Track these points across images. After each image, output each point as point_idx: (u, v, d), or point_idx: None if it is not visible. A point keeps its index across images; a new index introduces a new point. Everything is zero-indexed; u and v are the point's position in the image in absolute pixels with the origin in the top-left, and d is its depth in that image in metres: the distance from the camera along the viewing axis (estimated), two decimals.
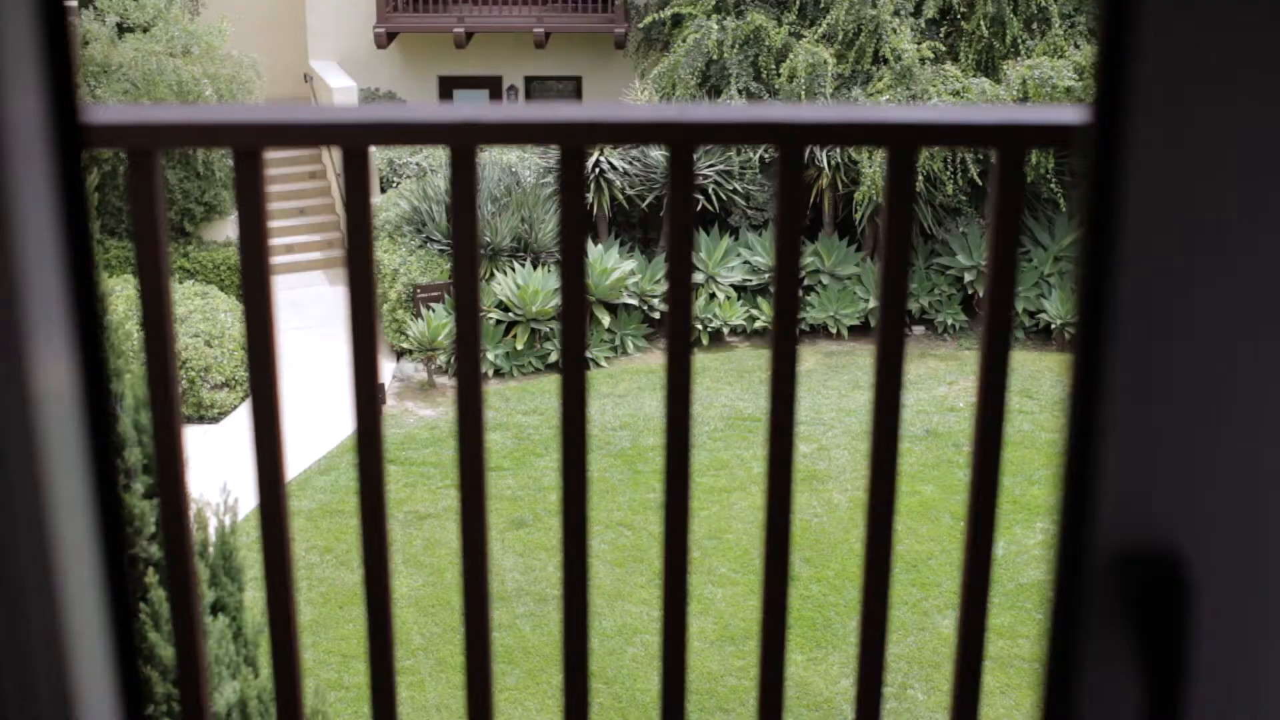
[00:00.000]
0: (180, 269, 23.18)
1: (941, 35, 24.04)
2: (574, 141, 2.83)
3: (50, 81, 1.46)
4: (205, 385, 20.40)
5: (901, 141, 2.82)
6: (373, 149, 2.95)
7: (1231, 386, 1.51)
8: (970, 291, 23.30)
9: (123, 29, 23.69)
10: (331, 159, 25.46)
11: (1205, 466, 1.54)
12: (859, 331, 22.91)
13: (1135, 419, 1.52)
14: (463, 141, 2.81)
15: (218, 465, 15.82)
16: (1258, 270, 1.47)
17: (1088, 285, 1.50)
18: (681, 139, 2.81)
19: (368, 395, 2.94)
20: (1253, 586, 1.56)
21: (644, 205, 23.75)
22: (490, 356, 21.66)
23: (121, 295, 20.06)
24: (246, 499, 12.51)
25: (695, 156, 2.87)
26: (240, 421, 20.16)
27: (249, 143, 2.81)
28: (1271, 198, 1.45)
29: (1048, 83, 22.36)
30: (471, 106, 2.83)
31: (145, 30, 23.73)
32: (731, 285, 23.05)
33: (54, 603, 1.55)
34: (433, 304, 22.00)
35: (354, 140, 2.81)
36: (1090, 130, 1.46)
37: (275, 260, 2.98)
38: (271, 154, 17.81)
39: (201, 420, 20.18)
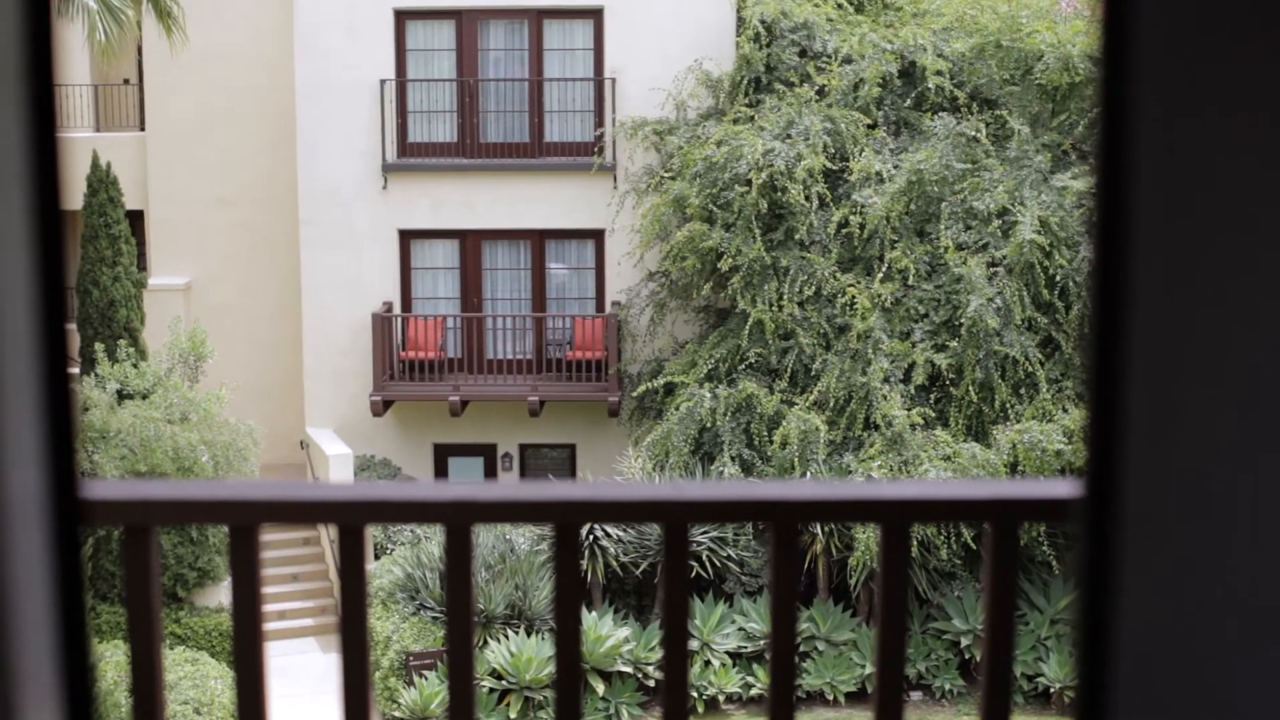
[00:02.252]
0: (171, 634, 23.00)
1: (931, 401, 24.33)
2: (569, 520, 2.87)
3: (51, 457, 1.48)
4: None
5: (895, 518, 2.86)
6: None
7: None
8: (967, 656, 23.09)
9: (122, 396, 23.96)
10: (326, 527, 25.48)
11: None
12: (856, 698, 22.62)
13: None
14: (458, 520, 2.84)
15: None
16: (1258, 636, 1.47)
17: (1086, 649, 1.50)
18: (676, 517, 2.85)
19: None
20: None
21: (638, 572, 23.69)
22: None
23: (112, 661, 19.87)
24: None
25: (689, 525, 2.90)
26: None
27: (245, 520, 2.83)
28: (1264, 550, 1.45)
29: (1037, 446, 22.56)
30: (467, 485, 2.86)
31: (144, 397, 24.00)
32: (727, 652, 22.85)
33: None
34: (426, 672, 21.77)
35: (350, 518, 2.84)
36: (1082, 501, 1.48)
37: (267, 626, 2.97)
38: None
39: None
